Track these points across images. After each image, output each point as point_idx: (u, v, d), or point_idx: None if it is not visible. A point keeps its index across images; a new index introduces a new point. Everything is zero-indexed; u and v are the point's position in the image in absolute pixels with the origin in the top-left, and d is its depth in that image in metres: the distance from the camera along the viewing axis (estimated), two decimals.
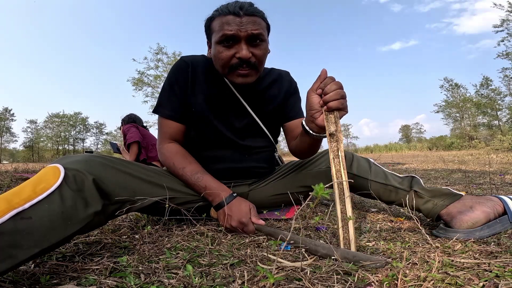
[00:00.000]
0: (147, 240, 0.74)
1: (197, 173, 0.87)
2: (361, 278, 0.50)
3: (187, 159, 0.91)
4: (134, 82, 20.20)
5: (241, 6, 0.83)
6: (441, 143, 24.19)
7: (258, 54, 0.86)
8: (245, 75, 0.87)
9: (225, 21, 0.83)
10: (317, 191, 0.51)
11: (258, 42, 0.85)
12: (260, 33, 0.84)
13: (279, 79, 1.05)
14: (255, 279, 0.49)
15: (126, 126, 3.03)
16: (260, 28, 0.84)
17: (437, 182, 2.14)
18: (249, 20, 0.83)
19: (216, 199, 0.84)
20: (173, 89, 0.94)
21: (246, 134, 1.00)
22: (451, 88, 30.75)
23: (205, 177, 0.87)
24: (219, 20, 0.85)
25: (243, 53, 0.82)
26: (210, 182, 0.87)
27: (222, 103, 0.96)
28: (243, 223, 0.80)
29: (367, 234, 0.78)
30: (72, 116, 38.51)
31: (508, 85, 24.67)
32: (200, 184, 0.86)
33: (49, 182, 0.56)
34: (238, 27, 0.82)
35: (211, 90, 0.95)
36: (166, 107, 0.94)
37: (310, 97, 0.74)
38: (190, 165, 0.89)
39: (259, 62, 0.88)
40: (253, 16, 0.84)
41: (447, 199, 0.80)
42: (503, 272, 0.50)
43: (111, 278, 0.52)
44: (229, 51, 0.84)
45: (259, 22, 0.85)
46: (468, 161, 4.99)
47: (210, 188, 0.85)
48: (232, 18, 0.82)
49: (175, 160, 0.90)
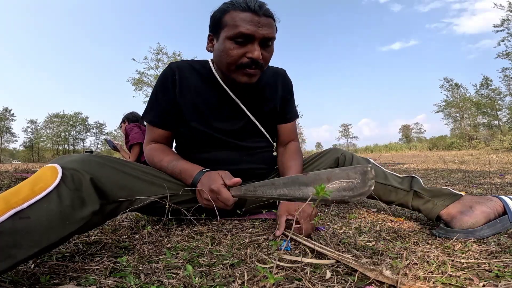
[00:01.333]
0: (147, 240, 0.74)
1: (172, 161, 0.88)
2: (361, 278, 0.50)
3: (164, 152, 0.93)
4: (134, 82, 20.20)
5: (261, 5, 0.81)
6: (441, 143, 24.21)
7: (267, 56, 0.86)
8: (251, 75, 0.86)
9: (243, 18, 0.80)
10: (317, 191, 0.51)
11: (269, 44, 0.85)
12: (274, 37, 0.84)
13: (276, 78, 1.05)
14: (255, 279, 0.49)
15: (129, 126, 2.97)
16: (274, 32, 0.84)
17: (437, 182, 2.14)
18: (266, 22, 0.81)
19: (189, 179, 0.84)
20: (158, 97, 0.94)
21: (243, 136, 0.99)
22: (451, 88, 30.78)
23: (179, 163, 0.88)
24: (234, 14, 0.81)
25: (256, 54, 0.81)
26: (183, 165, 0.87)
27: (216, 106, 0.95)
28: (214, 190, 0.76)
29: (367, 234, 0.78)
30: (72, 116, 38.53)
31: (508, 85, 24.67)
32: (175, 171, 0.87)
33: (47, 182, 0.56)
34: (256, 27, 0.80)
35: (203, 94, 0.94)
36: (151, 114, 0.95)
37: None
38: (167, 157, 0.90)
39: (266, 63, 0.88)
40: (270, 17, 0.83)
41: (447, 199, 0.80)
42: (503, 272, 0.50)
43: (111, 278, 0.52)
44: (240, 49, 0.82)
45: (273, 25, 0.84)
46: (468, 161, 4.99)
47: (184, 170, 0.86)
48: (251, 16, 0.80)
49: (155, 156, 0.92)
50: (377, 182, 0.92)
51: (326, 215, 1.04)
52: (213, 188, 0.76)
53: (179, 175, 0.86)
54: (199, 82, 0.95)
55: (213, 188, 0.76)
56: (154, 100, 0.95)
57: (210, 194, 0.76)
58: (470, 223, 0.72)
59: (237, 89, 0.95)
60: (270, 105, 1.01)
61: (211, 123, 0.95)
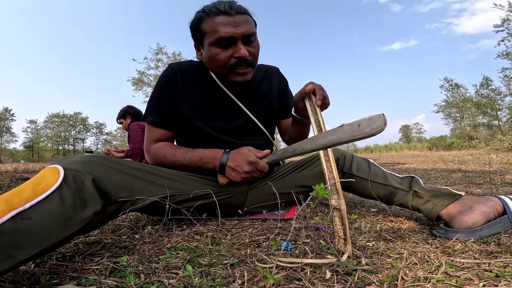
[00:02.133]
0: (147, 240, 0.74)
1: (187, 152, 0.91)
2: (361, 278, 0.50)
3: (175, 146, 0.95)
4: (134, 82, 20.21)
5: (231, 5, 0.83)
6: (441, 143, 24.20)
7: (254, 52, 0.88)
8: (244, 73, 0.88)
9: (218, 22, 0.82)
10: (317, 192, 0.51)
11: (252, 40, 0.86)
12: (254, 32, 0.86)
13: (268, 75, 1.08)
14: (255, 279, 0.49)
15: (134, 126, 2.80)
16: (252, 26, 0.86)
17: (437, 182, 2.15)
18: (242, 19, 0.83)
19: (216, 162, 0.87)
20: (161, 97, 0.95)
21: (242, 134, 1.00)
22: (451, 88, 30.77)
23: (196, 150, 0.91)
24: (209, 21, 0.84)
25: (241, 52, 0.83)
26: (202, 151, 0.90)
27: (215, 105, 0.96)
28: (253, 161, 0.83)
29: (367, 234, 0.78)
30: (72, 116, 38.51)
31: (508, 85, 24.68)
32: (194, 158, 0.89)
33: (48, 183, 0.56)
34: (233, 28, 0.82)
35: (203, 94, 0.96)
36: (153, 115, 0.96)
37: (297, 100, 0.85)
38: (179, 149, 0.92)
39: (255, 58, 0.90)
40: (243, 14, 0.84)
41: (447, 199, 0.80)
42: (503, 272, 0.50)
43: (111, 278, 0.52)
44: (227, 51, 0.85)
45: (250, 20, 0.86)
46: (468, 161, 4.99)
47: (205, 155, 0.89)
48: (225, 18, 0.82)
49: (165, 151, 0.93)
50: (377, 182, 0.92)
51: (327, 215, 1.05)
52: (251, 160, 0.83)
53: (199, 161, 0.88)
54: (198, 82, 0.96)
55: (252, 160, 0.83)
56: (156, 100, 0.95)
57: (249, 166, 0.83)
58: (470, 223, 0.72)
59: (234, 87, 0.97)
60: (266, 102, 1.04)
61: (211, 122, 0.96)
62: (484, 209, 0.74)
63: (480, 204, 0.76)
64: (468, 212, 0.74)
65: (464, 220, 0.73)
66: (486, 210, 0.74)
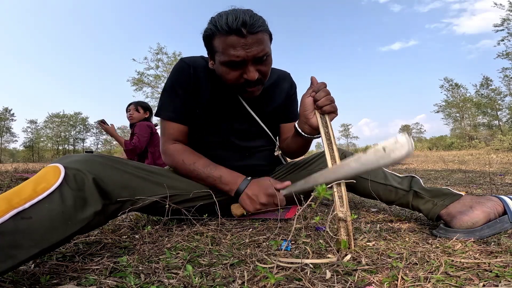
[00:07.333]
0: (147, 240, 0.74)
1: (209, 165, 0.90)
2: (361, 278, 0.50)
3: (196, 155, 0.93)
4: (134, 82, 20.22)
5: (243, 23, 0.76)
6: (441, 143, 24.21)
7: (264, 70, 0.86)
8: (252, 92, 0.88)
9: (229, 44, 0.78)
10: (319, 192, 0.51)
11: (264, 59, 0.83)
12: (266, 52, 0.82)
13: (280, 81, 1.07)
14: (255, 279, 0.49)
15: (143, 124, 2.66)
16: (265, 47, 0.81)
17: (437, 182, 2.14)
18: (254, 40, 0.78)
19: (234, 187, 0.87)
20: (175, 91, 0.93)
21: (247, 136, 1.00)
22: (451, 88, 30.78)
23: (218, 168, 0.90)
24: (221, 39, 0.79)
25: (250, 75, 0.82)
26: (223, 171, 0.90)
27: (224, 105, 0.96)
28: (272, 194, 0.83)
29: (367, 234, 0.78)
30: (72, 116, 38.53)
31: (508, 85, 24.68)
32: (214, 175, 0.88)
33: (49, 182, 0.56)
34: (244, 51, 0.78)
35: (213, 92, 0.95)
36: (168, 109, 0.94)
37: (304, 100, 0.81)
38: (200, 159, 0.91)
39: (265, 76, 0.88)
40: (257, 33, 0.78)
41: (447, 199, 0.80)
42: (503, 272, 0.50)
43: (111, 278, 0.52)
44: (236, 71, 0.83)
45: (264, 39, 0.80)
46: (468, 161, 4.99)
47: (225, 177, 0.88)
48: (236, 39, 0.77)
49: (185, 157, 0.91)
50: (377, 182, 0.92)
51: (327, 215, 1.04)
52: (270, 192, 0.84)
53: (217, 179, 0.88)
54: (209, 80, 0.95)
55: (271, 192, 0.84)
56: (170, 94, 0.94)
57: (267, 198, 0.85)
58: (470, 223, 0.72)
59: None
60: (273, 105, 1.04)
61: (218, 121, 0.96)
62: (484, 209, 0.74)
63: (480, 204, 0.76)
64: (468, 212, 0.74)
65: (464, 220, 0.73)
66: (486, 210, 0.74)
